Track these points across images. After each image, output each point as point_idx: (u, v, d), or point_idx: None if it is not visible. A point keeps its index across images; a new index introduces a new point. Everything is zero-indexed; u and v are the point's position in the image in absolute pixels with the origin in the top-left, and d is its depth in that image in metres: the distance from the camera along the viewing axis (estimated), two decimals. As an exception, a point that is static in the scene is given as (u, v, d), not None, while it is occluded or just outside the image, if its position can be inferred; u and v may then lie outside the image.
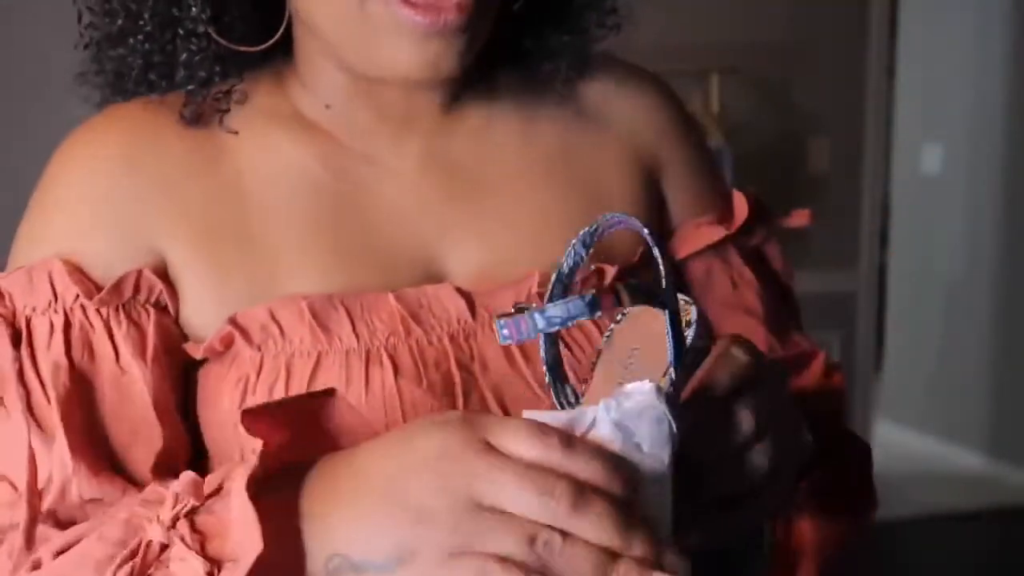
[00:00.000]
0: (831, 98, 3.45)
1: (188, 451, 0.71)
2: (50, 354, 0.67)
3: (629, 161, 0.78)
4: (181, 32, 0.71)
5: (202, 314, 0.70)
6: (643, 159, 0.79)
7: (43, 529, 0.66)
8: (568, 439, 0.51)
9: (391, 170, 0.74)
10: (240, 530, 0.54)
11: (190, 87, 0.72)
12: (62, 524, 0.66)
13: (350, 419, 0.59)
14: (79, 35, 0.74)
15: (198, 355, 0.70)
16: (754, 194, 0.83)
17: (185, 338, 0.71)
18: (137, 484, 0.67)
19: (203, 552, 0.55)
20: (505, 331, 0.53)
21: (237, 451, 0.68)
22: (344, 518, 0.53)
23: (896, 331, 4.69)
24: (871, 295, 3.62)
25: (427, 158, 0.75)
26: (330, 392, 0.60)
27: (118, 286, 0.69)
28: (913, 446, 4.53)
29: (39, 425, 0.66)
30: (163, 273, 0.70)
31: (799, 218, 0.88)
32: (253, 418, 0.57)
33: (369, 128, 0.74)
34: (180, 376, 0.71)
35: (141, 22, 0.71)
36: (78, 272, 0.69)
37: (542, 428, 0.51)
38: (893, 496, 3.98)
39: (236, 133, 0.73)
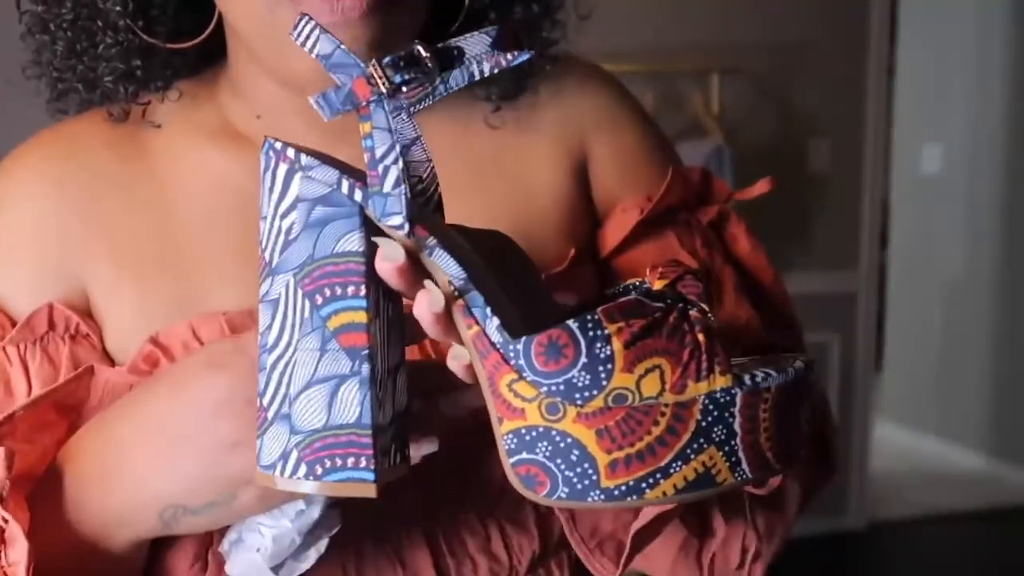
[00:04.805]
0: (831, 98, 3.45)
1: None
2: None
3: (560, 159, 0.77)
4: (100, 23, 0.71)
5: (128, 336, 0.69)
6: (574, 155, 0.78)
7: None
8: None
9: None
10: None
11: (119, 87, 0.71)
12: None
13: (116, 381, 0.65)
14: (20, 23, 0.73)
15: (121, 378, 0.69)
16: (701, 170, 0.80)
17: (112, 363, 0.70)
18: None
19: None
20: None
21: None
22: (161, 473, 0.59)
23: (896, 331, 4.70)
24: (871, 295, 3.63)
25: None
26: (90, 370, 0.65)
27: (29, 323, 0.68)
28: (913, 446, 4.54)
29: None
30: (83, 301, 0.70)
31: (760, 187, 0.83)
32: (18, 421, 0.61)
33: (299, 137, 0.71)
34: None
35: (64, 9, 0.71)
36: None
37: None
38: (893, 496, 3.98)
39: (159, 127, 0.73)
